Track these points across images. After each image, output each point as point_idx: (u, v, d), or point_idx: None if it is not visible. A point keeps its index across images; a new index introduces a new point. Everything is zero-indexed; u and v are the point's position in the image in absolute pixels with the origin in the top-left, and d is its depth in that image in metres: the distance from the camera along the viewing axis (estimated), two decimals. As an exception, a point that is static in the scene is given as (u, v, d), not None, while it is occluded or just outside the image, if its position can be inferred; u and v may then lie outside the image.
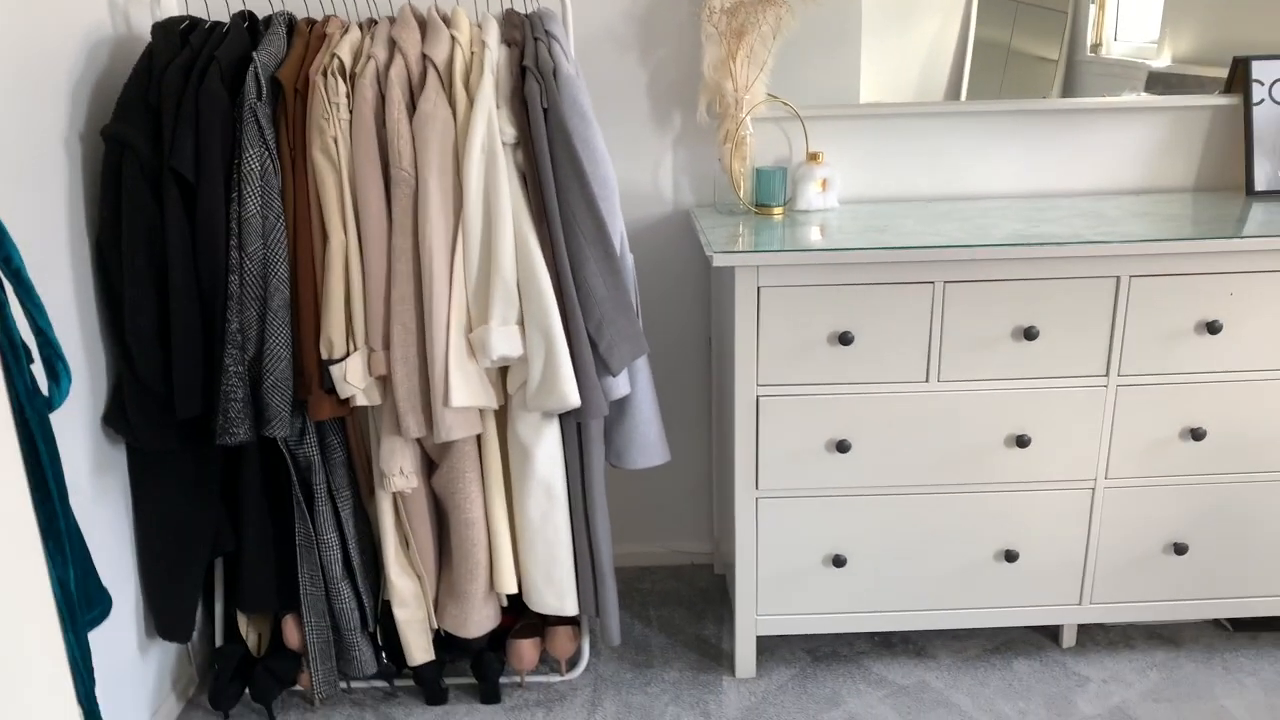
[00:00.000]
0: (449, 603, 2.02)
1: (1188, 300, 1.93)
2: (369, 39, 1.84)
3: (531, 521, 1.95)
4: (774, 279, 1.90)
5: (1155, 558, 2.09)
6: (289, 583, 2.04)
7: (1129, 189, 2.38)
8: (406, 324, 1.81)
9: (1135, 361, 1.96)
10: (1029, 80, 2.31)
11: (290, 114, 1.79)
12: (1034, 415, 1.98)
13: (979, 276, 1.90)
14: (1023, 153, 2.34)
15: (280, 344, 1.80)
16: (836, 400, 1.97)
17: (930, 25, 2.26)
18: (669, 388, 2.51)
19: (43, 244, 1.68)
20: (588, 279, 1.83)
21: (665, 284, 2.42)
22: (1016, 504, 2.04)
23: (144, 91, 1.77)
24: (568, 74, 1.81)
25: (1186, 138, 2.35)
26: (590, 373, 1.84)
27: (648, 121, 2.30)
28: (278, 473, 2.00)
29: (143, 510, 1.96)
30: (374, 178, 1.78)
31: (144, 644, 2.00)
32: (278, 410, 1.81)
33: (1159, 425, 2.00)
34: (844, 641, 2.28)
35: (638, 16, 2.24)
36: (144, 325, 1.79)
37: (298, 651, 2.10)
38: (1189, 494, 2.04)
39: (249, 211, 1.75)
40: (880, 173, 2.35)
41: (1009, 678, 2.14)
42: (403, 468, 1.91)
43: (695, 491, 2.60)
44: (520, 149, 1.82)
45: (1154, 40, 2.29)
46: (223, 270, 1.77)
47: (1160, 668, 2.15)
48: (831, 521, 2.05)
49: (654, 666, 2.22)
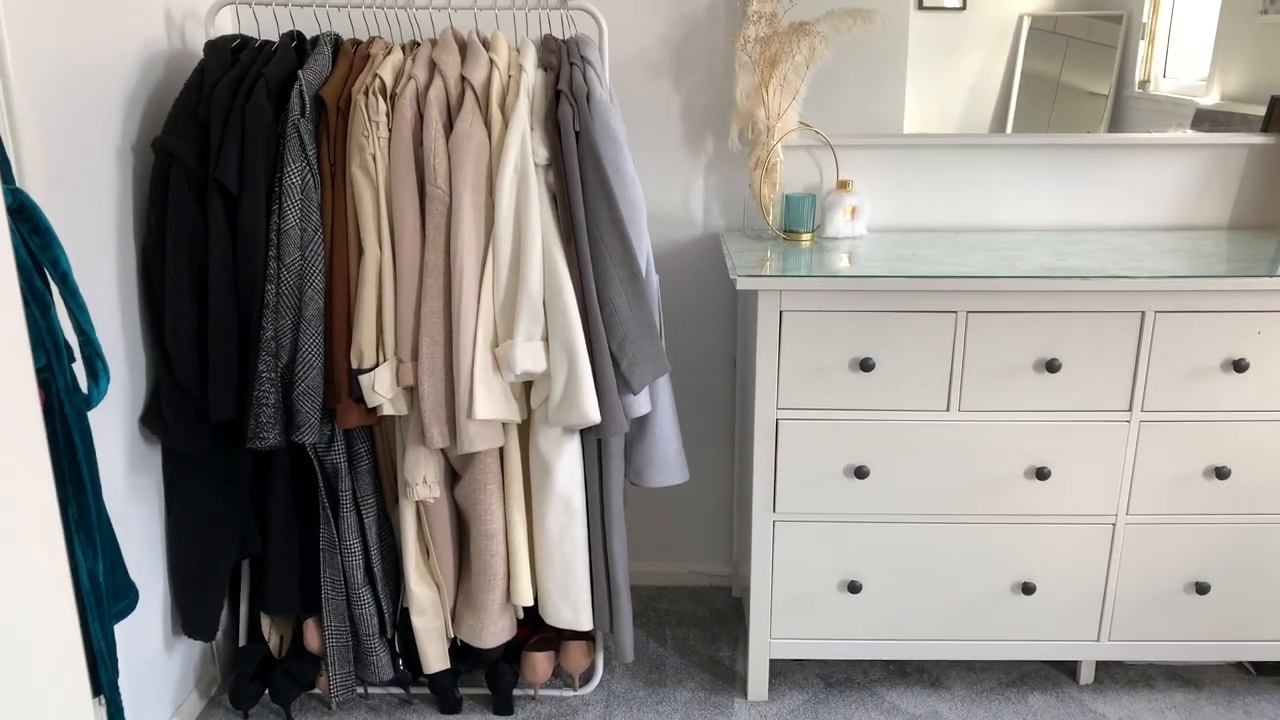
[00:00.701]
0: (466, 612, 2.05)
1: (1214, 338, 1.92)
2: (410, 60, 1.90)
3: (550, 535, 1.98)
4: (796, 303, 1.92)
5: (1176, 596, 2.07)
6: (311, 586, 2.08)
7: (1163, 225, 2.37)
8: (435, 337, 1.85)
9: (1159, 398, 1.95)
10: (1077, 115, 2.31)
11: (332, 131, 1.85)
12: (1055, 448, 1.98)
13: (1002, 308, 1.91)
14: (1057, 186, 2.35)
15: (312, 352, 1.85)
16: (856, 426, 1.98)
17: (976, 58, 2.28)
18: (693, 409, 2.53)
19: (92, 249, 1.75)
20: (612, 298, 1.86)
21: (693, 306, 2.45)
22: (1035, 537, 2.04)
23: (194, 106, 1.85)
24: (600, 98, 1.86)
25: (1223, 175, 2.34)
26: (611, 390, 1.87)
27: (680, 146, 2.35)
28: (305, 478, 2.05)
29: (174, 510, 2.02)
30: (410, 194, 1.84)
31: (170, 641, 2.05)
32: (308, 417, 1.86)
33: (1182, 463, 1.98)
34: (858, 668, 2.28)
35: (673, 43, 2.28)
36: (183, 330, 1.85)
37: (317, 655, 2.14)
38: (1212, 533, 2.03)
39: (288, 224, 1.81)
40: (910, 202, 2.36)
41: (1024, 712, 2.12)
42: (426, 477, 1.95)
43: (716, 514, 2.62)
44: (552, 170, 1.87)
45: (1204, 78, 2.30)
46: (260, 279, 1.83)
47: (1179, 709, 2.13)
48: (848, 547, 2.06)
49: (666, 685, 2.23)
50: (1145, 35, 2.28)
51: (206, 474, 1.99)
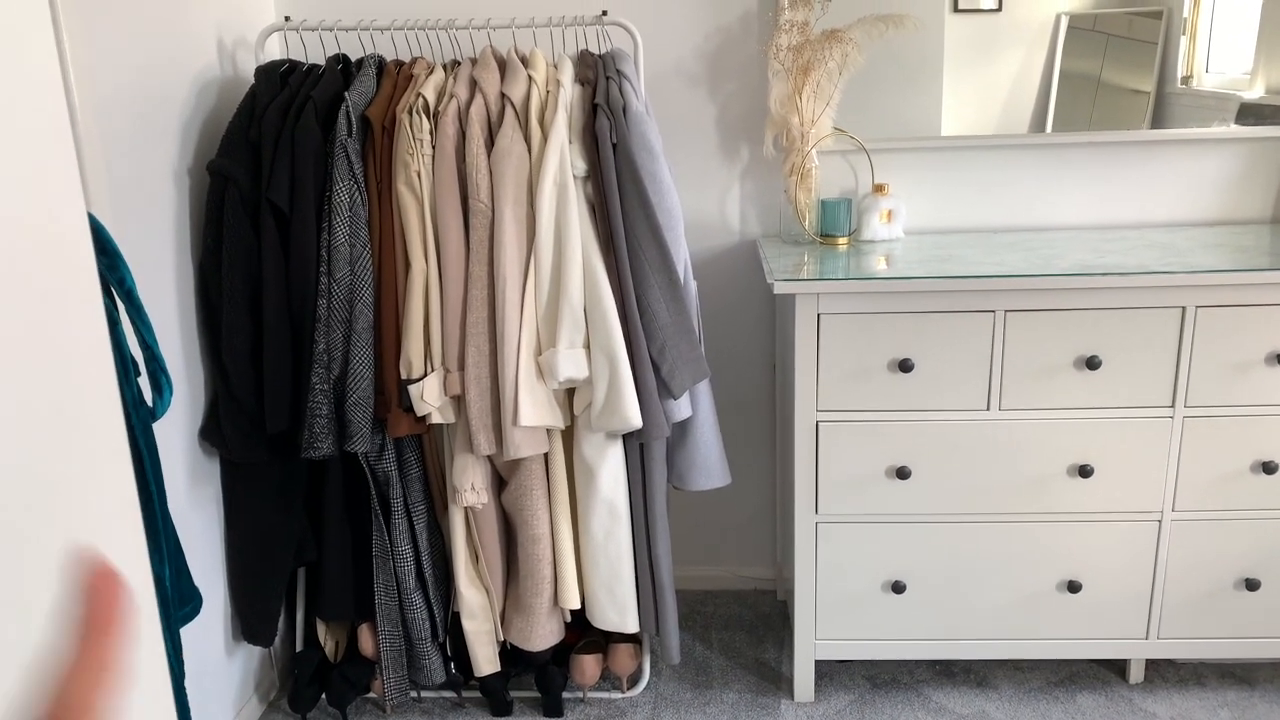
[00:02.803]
0: (515, 616, 2.10)
1: (1257, 332, 1.91)
2: (452, 79, 1.96)
3: (595, 539, 2.02)
4: (834, 306, 1.94)
5: (1226, 593, 2.05)
6: (365, 592, 2.14)
7: (1204, 221, 2.36)
8: (480, 347, 1.90)
9: (1202, 393, 1.94)
10: (1119, 112, 2.31)
11: (378, 149, 1.92)
12: (1097, 445, 1.98)
13: (1041, 306, 1.92)
14: (1096, 184, 2.35)
15: (363, 364, 1.92)
16: (896, 427, 2.00)
17: (1014, 59, 2.29)
18: (734, 414, 2.56)
19: (153, 268, 1.83)
20: (651, 305, 1.90)
21: (732, 311, 2.48)
22: (1079, 535, 2.03)
23: (246, 129, 1.92)
24: (637, 111, 1.90)
25: (1265, 169, 2.32)
26: (653, 395, 1.91)
27: (716, 154, 2.38)
28: (357, 487, 2.11)
29: (233, 519, 2.09)
30: (454, 209, 1.89)
31: (230, 647, 2.12)
32: (359, 427, 1.92)
33: (1228, 458, 1.97)
34: (904, 669, 2.28)
35: (707, 54, 2.32)
36: (239, 345, 1.92)
37: (372, 659, 2.19)
38: (1260, 529, 2.01)
39: (338, 240, 1.88)
40: (947, 204, 2.37)
41: (1072, 711, 2.12)
42: (474, 484, 2.00)
43: (759, 517, 2.64)
44: (590, 181, 1.91)
45: (1247, 71, 2.28)
46: (312, 295, 1.90)
47: (1232, 707, 2.10)
48: (891, 547, 2.07)
49: (713, 688, 2.26)
50: (1186, 30, 2.27)
51: (263, 484, 2.06)
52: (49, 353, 0.76)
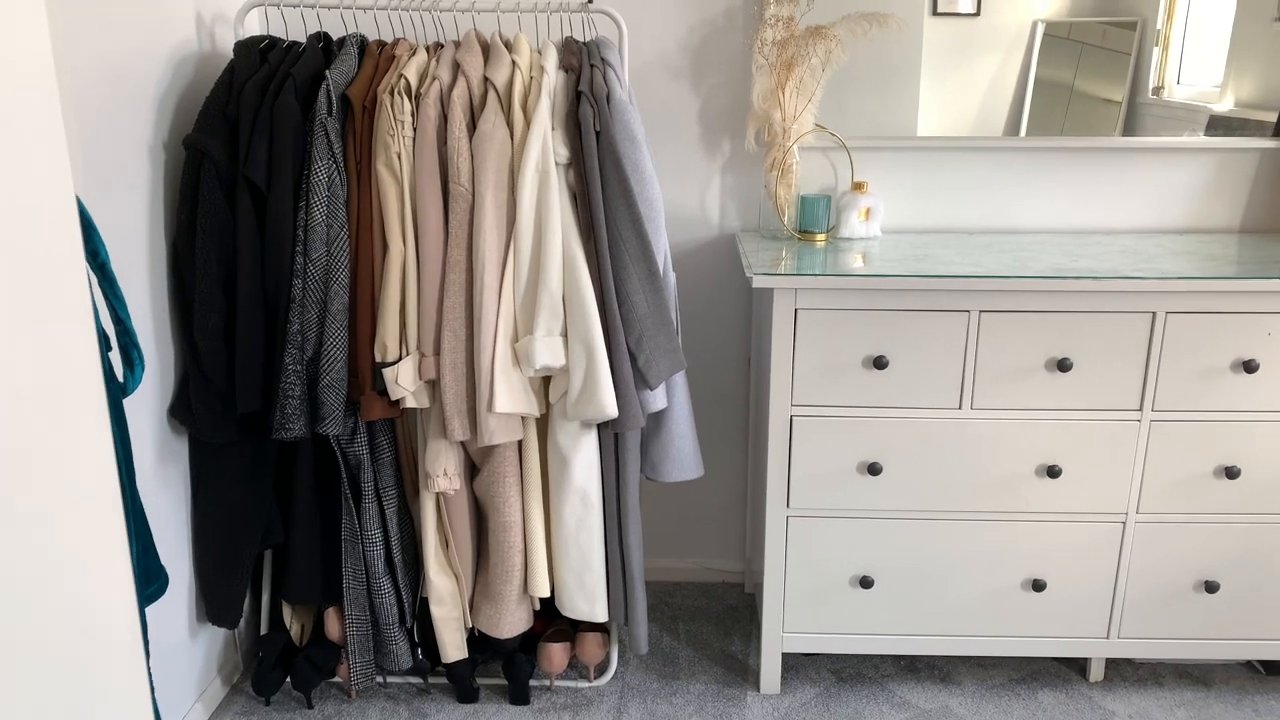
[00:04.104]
0: (484, 603, 2.09)
1: (1225, 339, 1.94)
2: (434, 61, 1.94)
3: (567, 527, 2.02)
4: (811, 301, 1.95)
5: (1186, 595, 2.09)
6: (333, 576, 2.13)
7: (1173, 228, 2.39)
8: (457, 331, 1.89)
9: (1170, 397, 1.98)
10: (1091, 120, 2.34)
11: (358, 129, 1.90)
12: (1066, 446, 2.01)
13: (1014, 307, 1.94)
14: (1070, 189, 2.38)
15: (337, 346, 1.90)
16: (869, 423, 2.01)
17: (990, 63, 2.31)
18: (708, 406, 2.56)
19: (125, 242, 1.80)
20: (630, 295, 1.90)
21: (709, 304, 2.49)
22: (1046, 534, 2.06)
23: (224, 104, 1.89)
24: (620, 99, 1.90)
25: (1234, 179, 2.36)
26: (629, 385, 1.91)
27: (698, 147, 2.38)
28: (328, 470, 2.09)
29: (200, 499, 2.06)
30: (433, 192, 1.88)
31: (194, 628, 2.10)
32: (332, 409, 1.91)
33: (1193, 462, 2.01)
34: (870, 663, 2.31)
35: (692, 47, 2.32)
36: (212, 323, 1.90)
37: (338, 643, 2.18)
38: (1221, 533, 2.05)
39: (315, 220, 1.86)
40: (925, 204, 2.39)
41: (1033, 708, 2.15)
42: (446, 469, 1.99)
43: (729, 510, 2.65)
44: (572, 169, 1.91)
45: (1217, 84, 2.32)
46: (287, 274, 1.88)
47: (1189, 706, 2.15)
48: (860, 542, 2.09)
49: (680, 678, 2.27)
50: (1159, 42, 2.30)
51: (232, 464, 2.04)
52: (32, 324, 0.74)
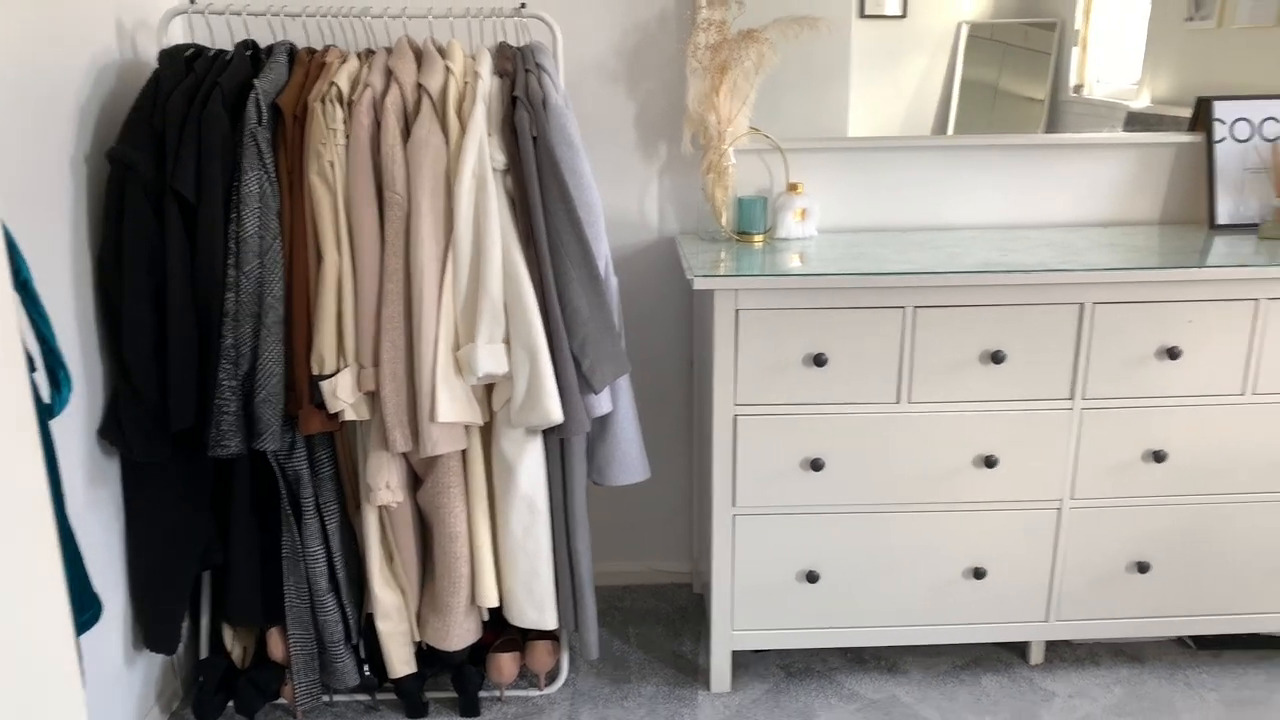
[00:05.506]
0: (431, 616, 2.07)
1: (1149, 327, 2.01)
2: (367, 68, 1.92)
3: (514, 536, 2.00)
4: (751, 302, 1.97)
5: (1120, 576, 2.15)
6: (274, 595, 2.08)
7: (1098, 221, 2.47)
8: (396, 341, 1.87)
9: (1099, 385, 2.04)
10: (1016, 119, 2.40)
11: (289, 139, 1.86)
12: (1002, 437, 2.06)
13: (948, 302, 1.98)
14: (998, 186, 2.44)
15: (273, 359, 1.86)
16: (811, 420, 2.04)
17: (917, 65, 2.36)
18: (651, 409, 2.57)
19: (48, 259, 1.74)
20: (572, 299, 1.90)
21: (650, 307, 2.50)
22: (985, 523, 2.11)
23: (149, 115, 1.84)
24: (557, 104, 1.89)
25: (1154, 173, 2.44)
26: (573, 390, 1.90)
27: (635, 151, 2.39)
28: (266, 487, 2.05)
29: (134, 522, 2.00)
30: (368, 200, 1.85)
31: (130, 655, 2.03)
32: (269, 424, 1.87)
33: (1123, 447, 2.07)
34: (818, 657, 2.33)
35: (626, 51, 2.33)
36: (142, 340, 1.85)
37: (281, 664, 2.13)
38: (1152, 514, 2.12)
39: (247, 231, 1.82)
40: (858, 203, 2.43)
41: (977, 693, 2.19)
42: (389, 482, 1.96)
43: (676, 511, 2.66)
44: (510, 175, 1.90)
45: (1135, 82, 2.40)
46: (220, 287, 1.84)
47: (1125, 683, 2.21)
48: (805, 538, 2.11)
49: (631, 682, 2.27)
50: (1079, 42, 2.38)
51: (166, 484, 1.98)
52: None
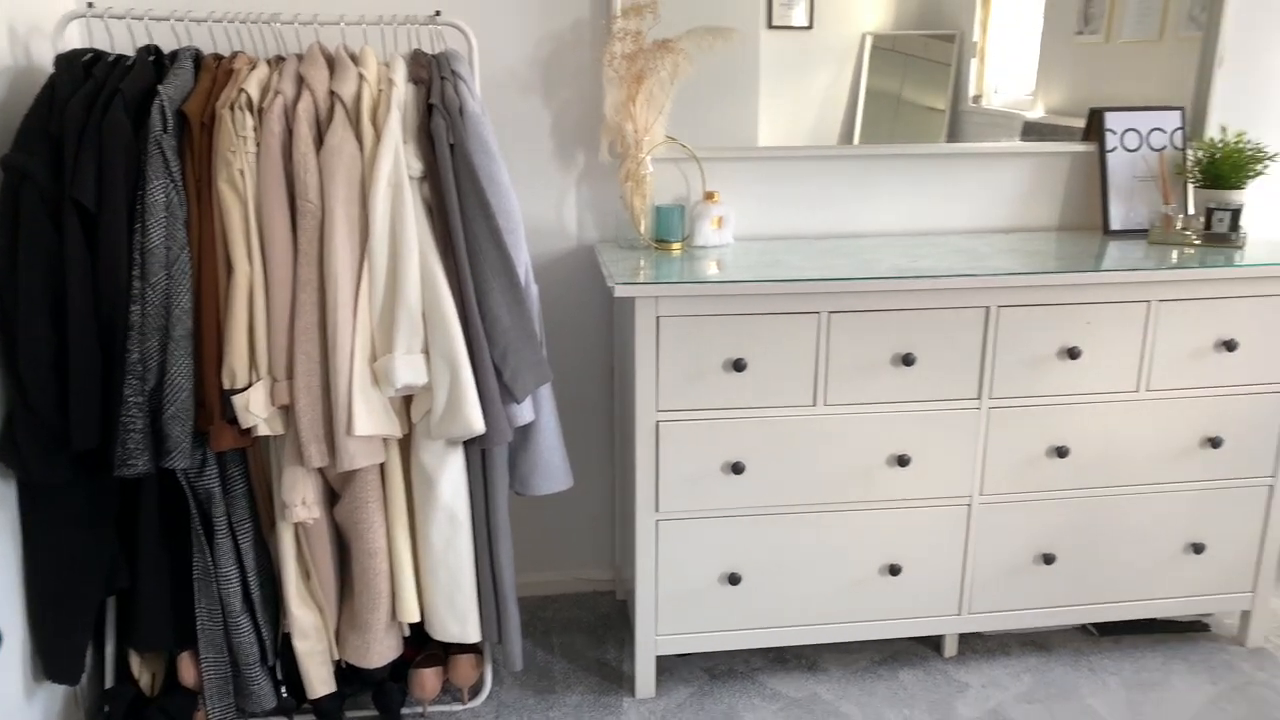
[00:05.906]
0: (350, 633, 2.02)
1: (1050, 329, 2.10)
2: (277, 75, 1.88)
3: (435, 549, 1.98)
4: (672, 309, 1.99)
5: (1027, 568, 2.24)
6: (185, 618, 2.01)
7: (999, 228, 2.57)
8: (310, 353, 1.83)
9: (1004, 385, 2.12)
10: (919, 128, 2.48)
11: (196, 147, 1.81)
12: (913, 436, 2.12)
13: (861, 307, 2.04)
14: (905, 194, 2.51)
15: (182, 374, 1.80)
16: (731, 424, 2.07)
17: (824, 75, 2.42)
18: (573, 417, 2.57)
19: (-67, 272, 1.65)
20: (493, 308, 1.89)
21: (570, 315, 2.50)
22: (899, 520, 2.17)
23: (45, 122, 1.77)
24: (473, 111, 1.88)
25: (1050, 182, 2.56)
26: (495, 400, 1.89)
27: (552, 160, 2.39)
28: (175, 506, 1.98)
29: (33, 547, 1.91)
30: (280, 209, 1.81)
31: (30, 687, 1.94)
32: (178, 441, 1.80)
33: (1027, 444, 2.16)
34: (741, 659, 2.36)
35: (541, 60, 2.33)
36: (39, 355, 1.76)
37: (194, 690, 2.06)
38: (1055, 508, 2.21)
39: (153, 242, 1.76)
40: (772, 211, 2.48)
41: (895, 687, 2.25)
42: (305, 498, 1.92)
43: (598, 519, 2.66)
44: (427, 183, 1.88)
45: (1030, 93, 2.51)
46: (124, 300, 1.77)
47: (1033, 671, 2.30)
48: (727, 541, 2.14)
49: (556, 691, 2.26)
50: (976, 54, 2.47)
51: (67, 506, 1.90)
52: None
